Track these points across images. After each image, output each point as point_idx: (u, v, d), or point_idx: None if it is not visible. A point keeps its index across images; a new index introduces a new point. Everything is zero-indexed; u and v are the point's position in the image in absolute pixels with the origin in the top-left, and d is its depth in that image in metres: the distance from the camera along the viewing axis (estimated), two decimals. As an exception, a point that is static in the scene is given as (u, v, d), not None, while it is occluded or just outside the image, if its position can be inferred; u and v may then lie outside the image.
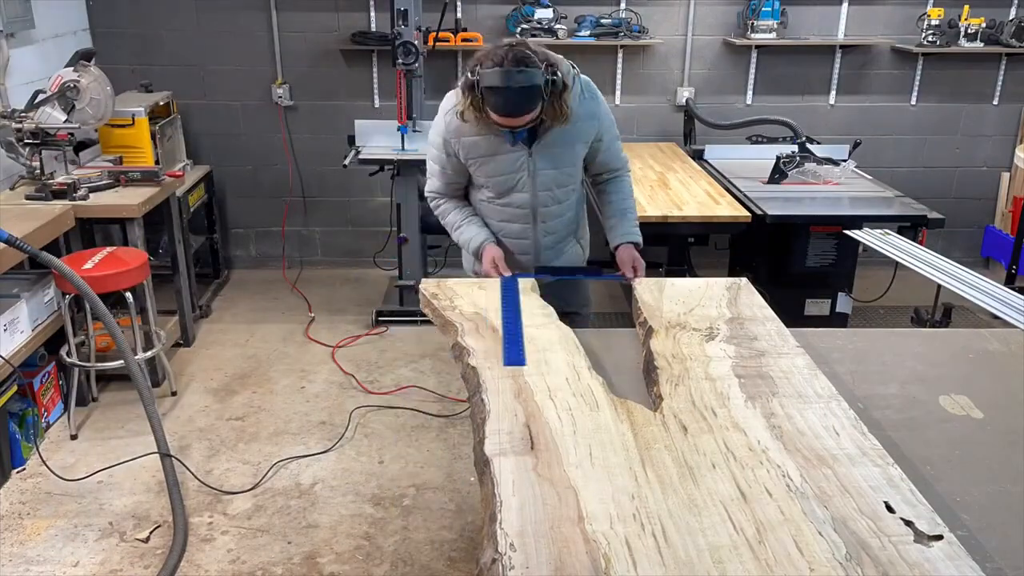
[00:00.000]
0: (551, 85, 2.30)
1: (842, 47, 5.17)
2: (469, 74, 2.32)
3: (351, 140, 4.53)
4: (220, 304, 4.96)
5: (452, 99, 2.49)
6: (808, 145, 4.35)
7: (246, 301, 5.02)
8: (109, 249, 3.67)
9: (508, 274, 2.55)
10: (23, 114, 3.69)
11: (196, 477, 3.26)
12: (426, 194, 2.76)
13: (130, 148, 4.24)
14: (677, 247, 4.08)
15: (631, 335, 2.33)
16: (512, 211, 2.65)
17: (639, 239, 2.70)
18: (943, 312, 3.80)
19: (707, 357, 2.07)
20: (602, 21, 4.97)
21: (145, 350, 3.67)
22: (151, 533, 2.96)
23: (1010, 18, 5.09)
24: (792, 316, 2.46)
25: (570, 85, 2.38)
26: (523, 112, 2.33)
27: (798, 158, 4.30)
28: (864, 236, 3.51)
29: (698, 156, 4.86)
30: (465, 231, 2.68)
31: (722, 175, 4.44)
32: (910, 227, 3.91)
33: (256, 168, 5.29)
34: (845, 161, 4.40)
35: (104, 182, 3.84)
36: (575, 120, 2.46)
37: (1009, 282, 4.86)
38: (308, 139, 5.21)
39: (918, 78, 5.26)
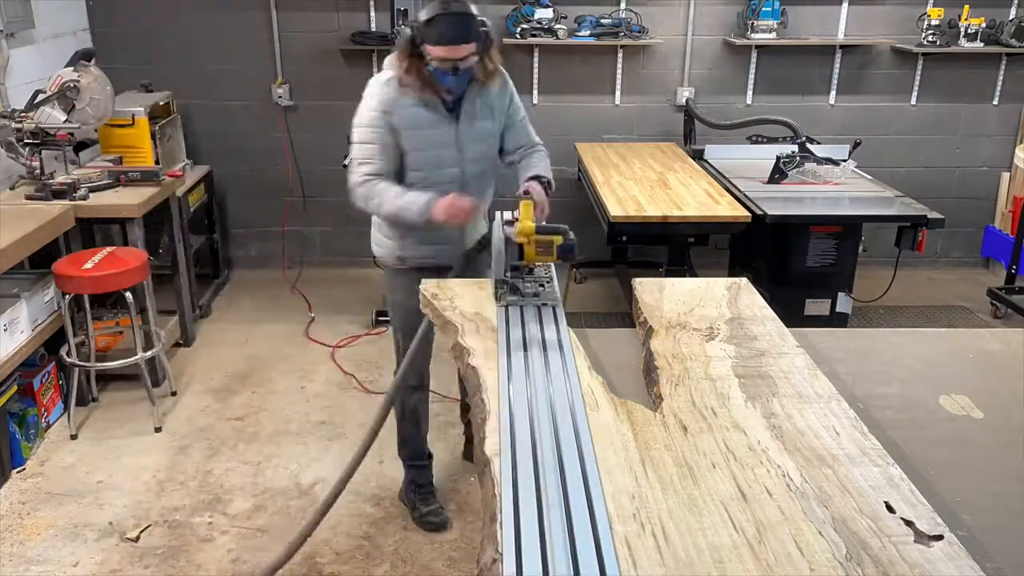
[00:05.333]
0: (483, 33, 2.46)
1: (842, 47, 5.17)
2: (406, 29, 2.46)
3: (351, 140, 4.52)
4: (220, 304, 4.96)
5: (381, 75, 2.59)
6: (808, 145, 4.34)
7: (246, 301, 5.02)
8: (109, 249, 3.67)
9: (473, 214, 2.58)
10: (23, 114, 3.69)
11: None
12: (358, 179, 2.61)
13: (130, 148, 4.24)
14: (677, 247, 4.08)
15: (631, 335, 2.33)
16: (442, 187, 2.60)
17: (546, 176, 2.67)
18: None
19: (707, 357, 2.07)
20: (602, 21, 4.97)
21: (145, 350, 3.67)
22: (141, 533, 2.96)
23: (1010, 18, 5.09)
24: (792, 316, 2.46)
25: (495, 41, 2.55)
26: (464, 38, 2.41)
27: (798, 158, 4.30)
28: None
29: (698, 156, 4.86)
30: (408, 195, 2.58)
31: (722, 175, 4.43)
32: (910, 227, 3.91)
33: (256, 168, 5.29)
34: (845, 161, 4.40)
35: (104, 182, 3.84)
36: (491, 92, 2.63)
37: (1009, 282, 4.87)
38: (308, 139, 5.20)
39: (918, 78, 5.26)
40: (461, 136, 2.63)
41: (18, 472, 3.32)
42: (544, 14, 4.89)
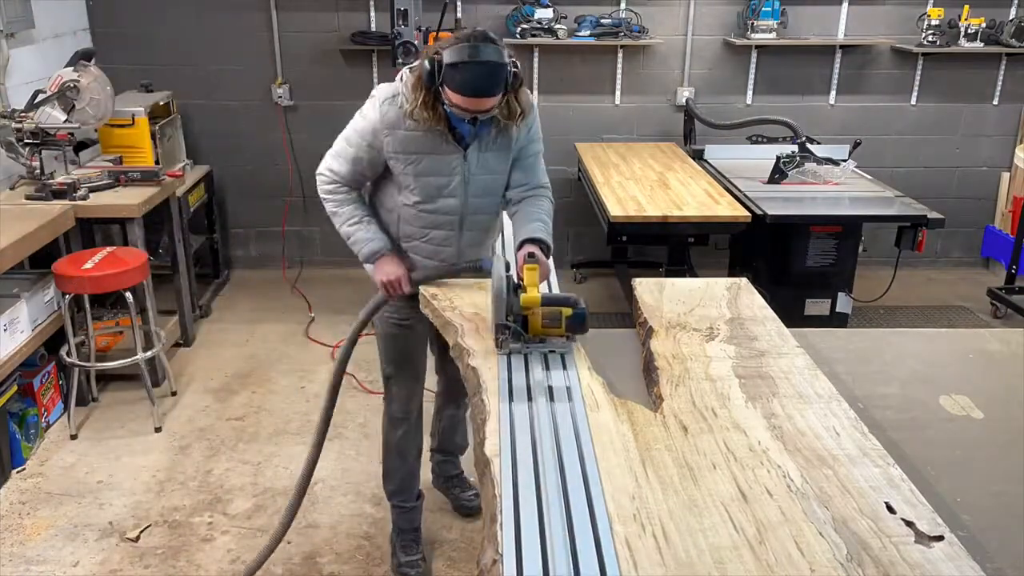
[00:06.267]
0: (512, 75, 2.17)
1: (842, 47, 5.17)
2: (426, 63, 2.15)
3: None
4: (220, 304, 4.96)
5: (389, 89, 2.32)
6: (808, 145, 4.35)
7: (246, 301, 5.02)
8: (109, 249, 3.66)
9: (408, 291, 2.42)
10: (23, 114, 3.69)
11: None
12: (324, 172, 2.48)
13: (130, 148, 4.24)
14: (677, 247, 4.08)
15: (631, 335, 2.33)
16: (438, 218, 2.41)
17: (546, 240, 2.35)
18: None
19: (707, 357, 2.07)
20: (602, 21, 4.97)
21: (145, 350, 3.67)
22: (141, 533, 2.96)
23: (1010, 18, 5.09)
24: (792, 316, 2.46)
25: (523, 81, 2.26)
26: (490, 91, 2.14)
27: (798, 158, 4.30)
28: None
29: (698, 156, 4.86)
30: (363, 231, 2.44)
31: (722, 175, 4.43)
32: (910, 227, 3.91)
33: (256, 168, 5.29)
34: (845, 161, 4.40)
35: (104, 182, 3.84)
36: (511, 125, 2.32)
37: (1009, 282, 4.87)
38: (308, 139, 5.20)
39: (918, 78, 5.26)
40: (468, 166, 2.35)
41: (18, 472, 3.32)
42: (544, 14, 4.89)
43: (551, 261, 2.40)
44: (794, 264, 3.97)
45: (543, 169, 2.54)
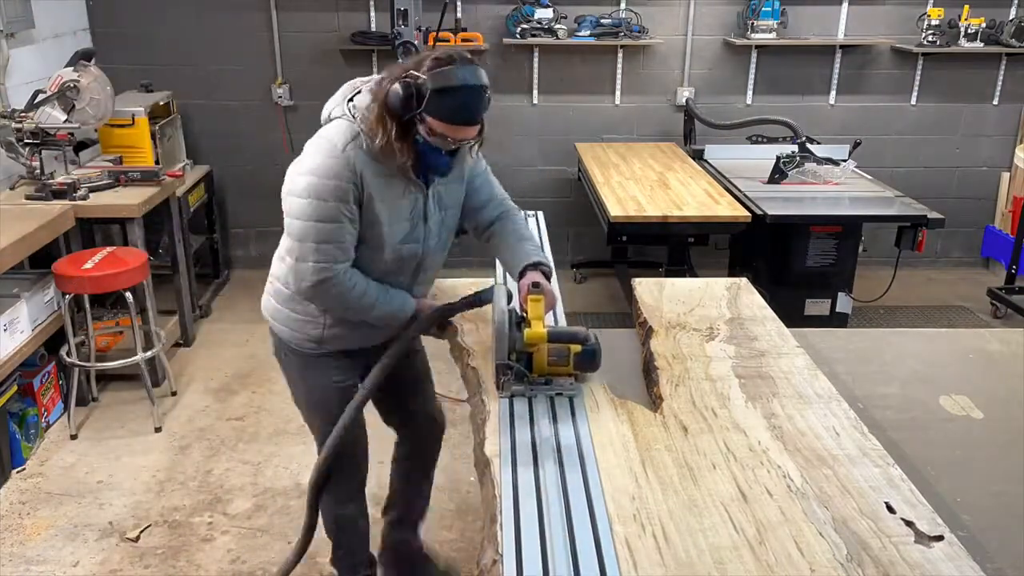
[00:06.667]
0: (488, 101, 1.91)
1: (842, 47, 5.17)
2: (399, 88, 1.83)
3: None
4: (220, 304, 4.95)
5: (342, 132, 1.95)
6: (808, 145, 4.35)
7: (246, 301, 5.02)
8: (109, 249, 3.66)
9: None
10: (23, 114, 3.69)
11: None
12: (321, 276, 1.96)
13: (130, 148, 4.24)
14: (677, 247, 4.08)
15: (631, 335, 2.33)
16: (397, 262, 2.07)
17: (547, 263, 2.13)
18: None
19: (707, 357, 2.07)
20: (602, 21, 4.97)
21: (145, 350, 3.67)
22: (141, 533, 2.96)
23: (1010, 18, 5.08)
24: (792, 316, 2.46)
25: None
26: (477, 121, 1.90)
27: (798, 158, 4.30)
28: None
29: (698, 156, 4.86)
30: (394, 293, 2.09)
31: (722, 175, 4.43)
32: (910, 227, 3.92)
33: (256, 168, 5.29)
34: (845, 161, 4.40)
35: (104, 182, 3.84)
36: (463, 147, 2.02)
37: (1009, 282, 4.87)
38: (308, 139, 5.19)
39: (918, 78, 5.26)
40: (429, 204, 2.06)
41: (18, 472, 3.32)
42: (544, 14, 4.89)
43: (555, 282, 2.21)
44: (794, 264, 3.97)
45: (496, 182, 2.28)
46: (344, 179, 1.91)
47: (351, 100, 1.98)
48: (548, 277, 2.11)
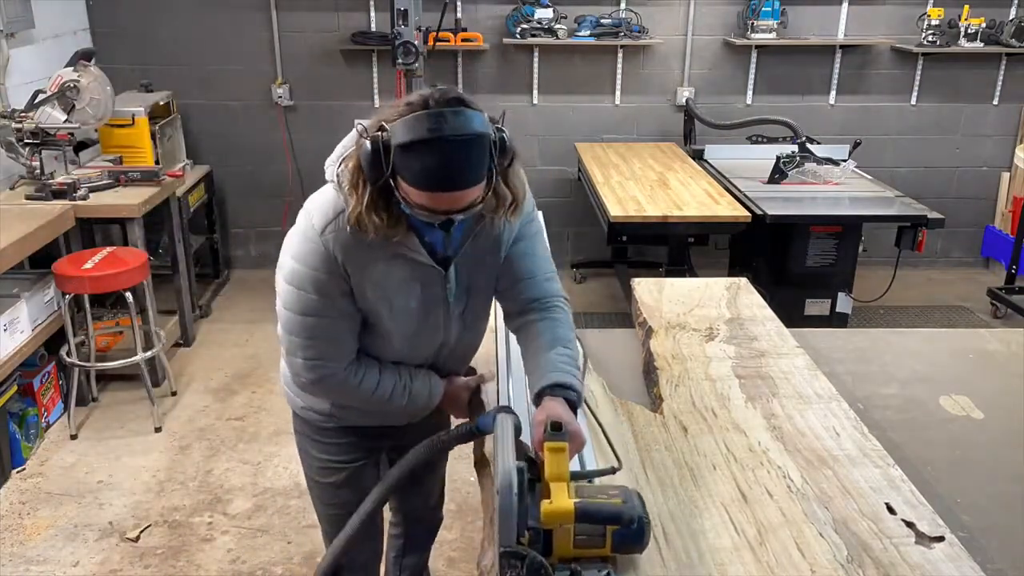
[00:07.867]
0: (499, 146, 1.46)
1: (842, 47, 5.17)
2: (367, 144, 1.43)
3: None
4: (220, 304, 4.95)
5: (326, 208, 1.58)
6: (808, 145, 4.35)
7: (246, 301, 5.02)
8: (109, 249, 3.66)
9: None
10: (23, 114, 3.69)
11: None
12: (316, 374, 1.66)
13: (130, 148, 4.23)
14: (677, 247, 4.08)
15: (631, 335, 2.33)
16: (413, 351, 1.72)
17: (576, 387, 1.58)
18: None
19: (707, 357, 2.07)
20: (602, 21, 4.97)
21: (145, 350, 3.67)
22: (141, 533, 2.96)
23: (1010, 18, 5.08)
24: (792, 316, 2.46)
25: (516, 153, 1.51)
26: (467, 181, 1.43)
27: (798, 158, 4.30)
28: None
29: (698, 156, 4.86)
30: (417, 382, 1.73)
31: (722, 175, 4.43)
32: (910, 227, 3.92)
33: (256, 168, 5.29)
34: (845, 161, 4.40)
35: (104, 182, 3.84)
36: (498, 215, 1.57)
37: (1009, 282, 4.87)
38: (308, 139, 5.20)
39: (918, 78, 5.25)
40: (450, 286, 1.65)
41: (18, 472, 3.32)
42: (544, 14, 4.89)
43: (582, 416, 1.67)
44: (794, 264, 3.97)
45: (547, 254, 1.76)
46: (321, 270, 1.56)
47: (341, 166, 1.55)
48: (575, 407, 1.56)
